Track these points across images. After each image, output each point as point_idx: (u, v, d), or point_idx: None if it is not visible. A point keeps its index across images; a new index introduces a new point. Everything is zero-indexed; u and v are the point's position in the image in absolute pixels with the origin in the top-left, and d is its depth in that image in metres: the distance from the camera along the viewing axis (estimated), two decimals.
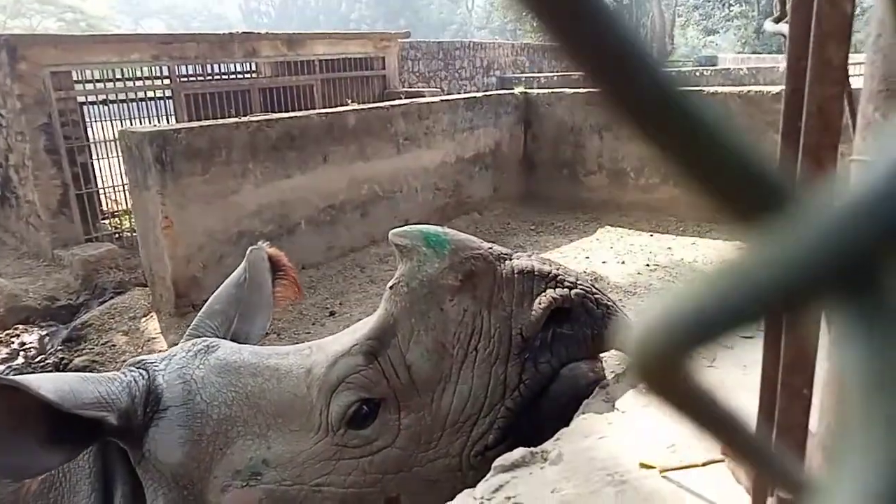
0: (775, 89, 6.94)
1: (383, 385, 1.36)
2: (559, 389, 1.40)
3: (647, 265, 6.31)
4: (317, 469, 1.33)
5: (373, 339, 1.39)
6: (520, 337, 1.38)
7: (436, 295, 1.38)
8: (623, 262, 6.39)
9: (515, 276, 1.42)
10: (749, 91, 7.19)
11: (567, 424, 1.41)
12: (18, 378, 1.17)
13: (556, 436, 1.46)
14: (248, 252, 2.06)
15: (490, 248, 1.47)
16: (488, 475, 1.32)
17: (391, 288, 1.42)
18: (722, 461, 1.27)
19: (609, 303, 1.52)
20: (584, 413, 1.58)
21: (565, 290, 1.43)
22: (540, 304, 1.39)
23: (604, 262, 6.44)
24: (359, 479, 1.33)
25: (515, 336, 1.39)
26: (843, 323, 0.17)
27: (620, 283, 5.84)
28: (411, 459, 1.35)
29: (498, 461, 1.36)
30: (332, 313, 5.51)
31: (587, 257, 6.59)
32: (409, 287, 1.39)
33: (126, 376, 1.44)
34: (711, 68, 16.35)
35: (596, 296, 1.49)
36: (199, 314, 1.88)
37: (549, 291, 1.42)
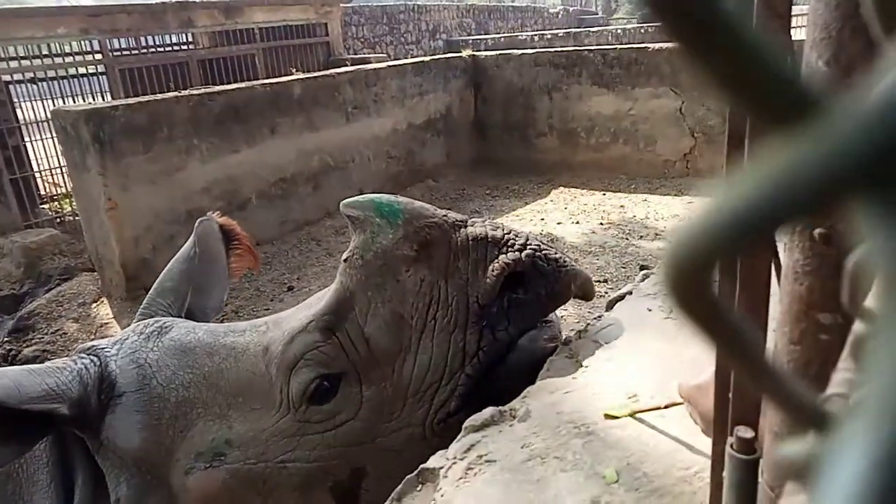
0: None
1: (342, 359, 1.35)
2: (517, 359, 1.44)
3: (601, 224, 6.42)
4: (281, 446, 1.32)
5: (329, 314, 1.37)
6: (476, 304, 1.39)
7: (391, 266, 1.37)
8: (577, 223, 6.49)
9: (470, 243, 1.41)
10: None
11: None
12: None
13: (522, 393, 1.49)
14: (196, 224, 1.92)
15: (444, 215, 1.45)
16: (460, 435, 1.35)
17: (345, 261, 1.40)
18: (680, 404, 1.32)
19: (558, 256, 1.52)
20: (548, 370, 1.62)
21: (516, 253, 1.43)
22: (493, 270, 1.39)
23: (559, 224, 6.52)
24: (324, 453, 1.33)
25: (472, 304, 1.39)
26: (876, 217, 0.18)
27: (576, 243, 5.94)
28: (375, 430, 1.36)
29: (468, 421, 1.38)
30: (290, 288, 5.45)
31: (542, 219, 6.67)
32: (364, 259, 1.37)
33: (77, 364, 1.38)
34: (655, 24, 16.47)
35: (545, 252, 1.48)
36: (150, 293, 1.81)
37: (502, 257, 1.41)
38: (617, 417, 1.36)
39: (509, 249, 1.43)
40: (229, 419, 1.34)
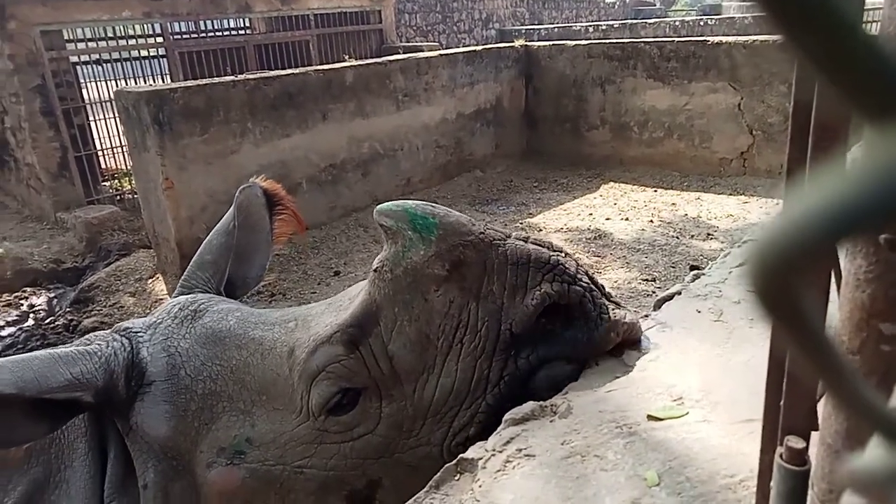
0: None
1: (364, 375, 1.32)
2: (540, 390, 1.38)
3: (651, 221, 6.30)
4: (298, 451, 1.32)
5: (354, 326, 1.33)
6: (508, 332, 1.31)
7: (420, 284, 1.30)
8: (627, 219, 6.38)
9: (509, 266, 1.31)
10: (755, 41, 7.05)
11: None
12: None
13: (564, 389, 1.48)
14: (238, 191, 1.90)
15: (482, 231, 1.35)
16: (499, 428, 1.35)
17: (375, 271, 1.34)
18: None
19: (605, 302, 1.42)
20: (591, 367, 1.61)
21: (563, 284, 1.33)
22: (533, 299, 1.30)
23: (607, 219, 6.43)
24: (340, 463, 1.33)
25: (504, 331, 1.31)
26: None
27: (624, 240, 5.84)
28: (393, 446, 1.34)
29: (508, 414, 1.38)
30: (336, 273, 5.54)
31: (590, 214, 6.58)
32: (393, 274, 1.31)
33: (107, 348, 1.39)
34: (716, 17, 16.00)
35: (594, 293, 1.38)
36: (190, 266, 1.78)
37: (545, 286, 1.31)
38: (661, 419, 1.34)
39: (556, 278, 1.32)
40: (252, 416, 1.35)
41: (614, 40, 8.69)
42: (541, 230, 6.22)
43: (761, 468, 0.89)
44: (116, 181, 8.48)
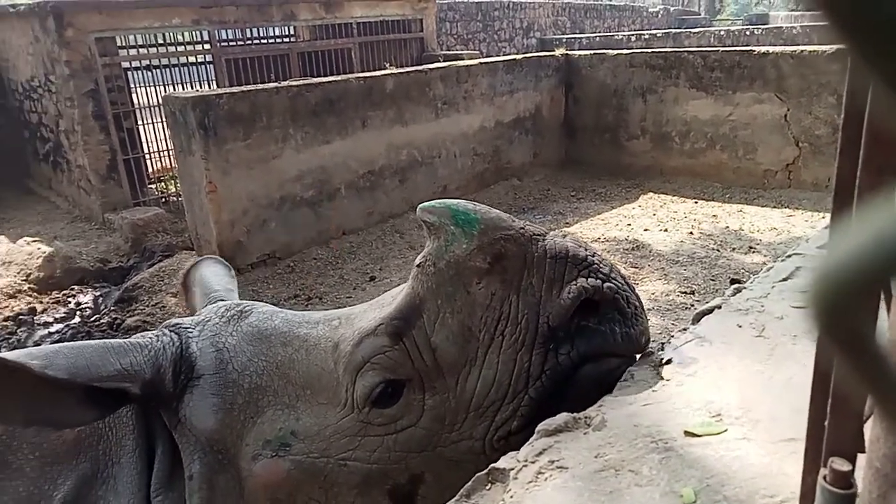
0: (830, 49, 6.62)
1: (408, 366, 1.34)
2: (584, 384, 1.38)
3: (691, 233, 6.19)
4: (342, 444, 1.34)
5: (398, 318, 1.35)
6: (546, 325, 1.33)
7: (463, 277, 1.33)
8: (666, 230, 6.28)
9: (547, 260, 1.35)
10: (803, 51, 6.88)
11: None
12: (23, 358, 1.20)
13: (599, 402, 1.46)
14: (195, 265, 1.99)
15: (522, 227, 1.39)
16: (532, 438, 1.34)
17: (418, 266, 1.37)
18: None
19: (638, 303, 1.43)
20: (627, 380, 1.58)
21: (598, 280, 1.35)
22: (570, 292, 1.33)
23: (646, 230, 6.34)
24: (383, 456, 1.34)
25: (542, 324, 1.34)
26: None
27: (663, 252, 5.75)
28: (435, 439, 1.35)
29: (541, 425, 1.37)
30: (372, 278, 5.58)
31: (629, 224, 6.50)
32: (437, 267, 1.34)
33: (157, 342, 1.43)
34: (763, 27, 15.67)
35: (626, 293, 1.39)
36: (203, 299, 1.82)
37: (581, 280, 1.34)
38: (698, 435, 1.31)
39: (591, 274, 1.36)
40: (297, 410, 1.37)
41: (657, 49, 8.59)
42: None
43: (804, 490, 0.86)
44: (162, 184, 8.72)
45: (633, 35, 14.53)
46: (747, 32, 14.17)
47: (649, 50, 8.65)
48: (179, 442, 1.35)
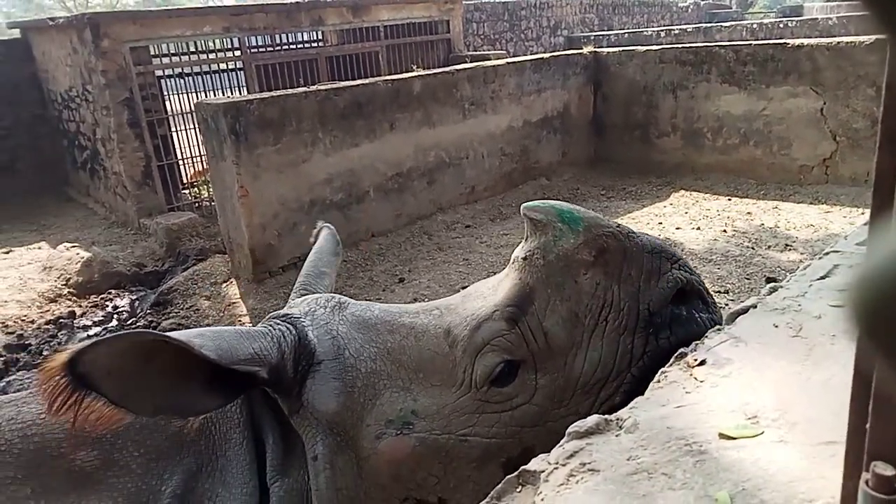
0: (868, 39, 6.43)
1: (523, 348, 1.46)
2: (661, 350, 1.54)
3: (725, 231, 6.07)
4: (462, 421, 1.44)
5: (512, 305, 1.48)
6: (647, 311, 1.48)
7: (571, 268, 1.48)
8: (698, 228, 6.17)
9: (644, 254, 1.51)
10: (839, 42, 6.70)
11: None
12: (184, 337, 1.27)
13: (631, 404, 1.44)
14: (321, 227, 2.25)
15: (618, 225, 1.54)
16: (562, 440, 1.33)
17: (524, 259, 1.51)
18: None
19: (712, 300, 1.60)
20: (659, 381, 1.56)
21: (688, 273, 1.52)
22: (668, 282, 1.50)
23: (678, 229, 6.24)
24: (500, 431, 1.44)
25: (643, 310, 1.48)
26: None
27: (696, 250, 5.65)
28: (546, 415, 1.46)
29: (572, 427, 1.35)
30: (401, 280, 5.60)
31: (660, 223, 6.41)
32: (546, 260, 1.49)
33: (275, 330, 1.50)
34: (797, 19, 15.31)
35: (704, 286, 1.58)
36: (305, 276, 1.98)
37: (675, 272, 1.51)
38: (733, 438, 1.28)
39: (680, 267, 1.53)
40: (412, 392, 1.46)
41: (687, 45, 8.46)
42: None
43: (844, 495, 0.84)
44: (195, 189, 8.89)
45: (662, 31, 14.33)
46: (781, 25, 13.86)
47: (679, 45, 8.51)
48: (299, 426, 1.43)
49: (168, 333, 1.25)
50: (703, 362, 1.57)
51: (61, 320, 5.66)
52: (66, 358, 1.13)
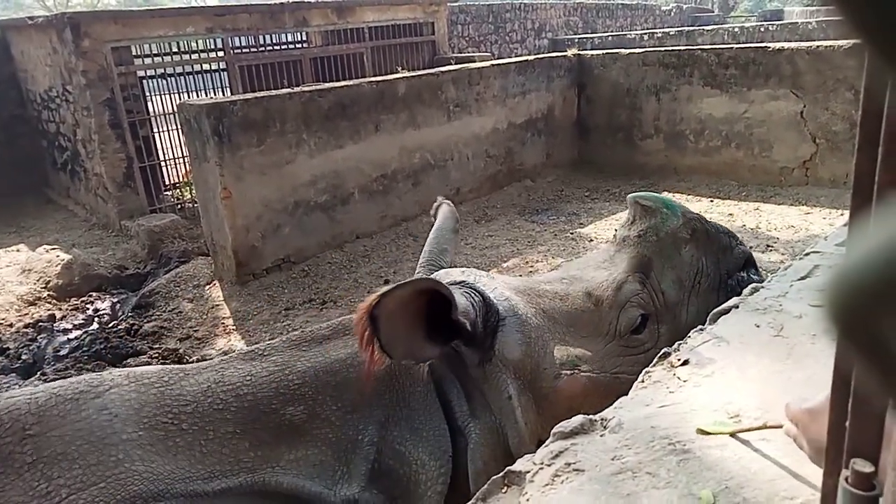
0: (847, 43, 6.53)
1: (650, 305, 1.87)
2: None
3: None
4: (613, 362, 1.77)
5: (640, 272, 1.89)
6: (725, 275, 1.97)
7: (676, 243, 1.93)
8: None
9: (720, 233, 2.01)
10: (819, 46, 6.79)
11: None
12: (447, 288, 1.52)
13: (616, 403, 1.45)
14: (441, 203, 2.52)
15: (698, 214, 2.02)
16: (548, 441, 1.33)
17: (639, 237, 1.94)
18: (780, 427, 1.24)
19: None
20: (643, 381, 1.57)
21: (747, 248, 2.05)
22: (741, 254, 2.02)
23: None
24: (638, 369, 1.67)
25: (722, 275, 1.96)
26: None
27: None
28: (651, 355, 1.80)
29: (557, 428, 1.36)
30: (386, 281, 5.59)
31: None
32: (658, 237, 1.93)
33: (464, 291, 1.72)
34: (777, 23, 15.51)
35: None
36: (429, 252, 2.17)
37: (739, 247, 2.03)
38: (711, 434, 1.30)
39: (739, 244, 2.04)
40: (569, 343, 1.76)
41: (670, 48, 8.53)
42: (591, 240, 6.13)
43: (825, 492, 0.85)
44: (177, 190, 8.80)
45: (645, 34, 14.44)
46: (762, 29, 14.03)
47: (662, 48, 8.59)
48: (490, 373, 1.62)
49: (439, 281, 1.52)
50: (686, 362, 1.58)
51: (41, 323, 5.57)
52: (373, 300, 1.38)
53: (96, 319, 5.72)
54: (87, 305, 5.99)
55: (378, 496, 1.43)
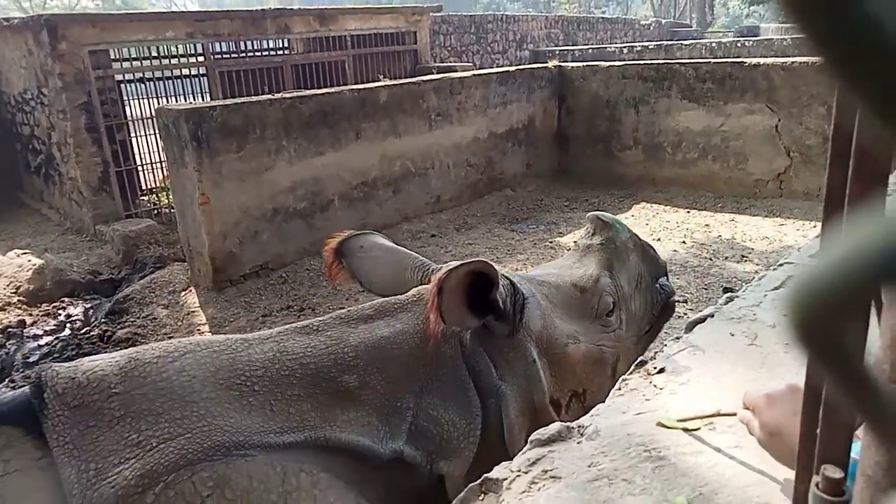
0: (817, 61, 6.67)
1: (615, 295, 2.27)
2: (670, 308, 2.52)
3: (684, 242, 6.21)
4: (597, 337, 2.17)
5: (607, 270, 2.29)
6: (654, 279, 2.44)
7: (626, 251, 2.36)
8: (658, 240, 6.30)
9: (648, 247, 2.48)
10: (793, 62, 6.94)
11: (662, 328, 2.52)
12: (495, 270, 1.83)
13: (592, 411, 1.46)
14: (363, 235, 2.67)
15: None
16: (525, 448, 1.33)
17: (601, 244, 2.34)
18: (732, 415, 1.27)
19: None
20: (620, 389, 1.58)
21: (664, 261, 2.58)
22: (661, 264, 2.51)
23: None
24: (612, 344, 2.20)
25: (652, 279, 2.43)
26: None
27: None
28: (622, 337, 2.27)
29: (534, 435, 1.36)
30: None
31: None
32: (615, 245, 2.34)
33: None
34: (753, 39, 15.82)
35: None
36: (412, 258, 2.35)
37: (661, 259, 2.53)
38: (668, 427, 1.32)
39: (660, 258, 2.54)
40: (566, 321, 2.12)
41: (649, 61, 8.66)
42: (570, 249, 6.16)
43: (796, 497, 0.86)
44: (154, 195, 8.69)
45: (625, 47, 14.64)
46: (738, 44, 14.30)
47: (641, 62, 8.71)
48: (519, 342, 1.92)
49: (491, 264, 1.82)
50: (662, 370, 1.59)
51: (10, 329, 5.44)
52: (442, 275, 1.69)
53: (68, 325, 5.61)
54: (59, 311, 5.88)
55: (417, 451, 1.67)
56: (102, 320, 5.46)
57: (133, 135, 8.34)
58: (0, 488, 1.29)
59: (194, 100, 8.83)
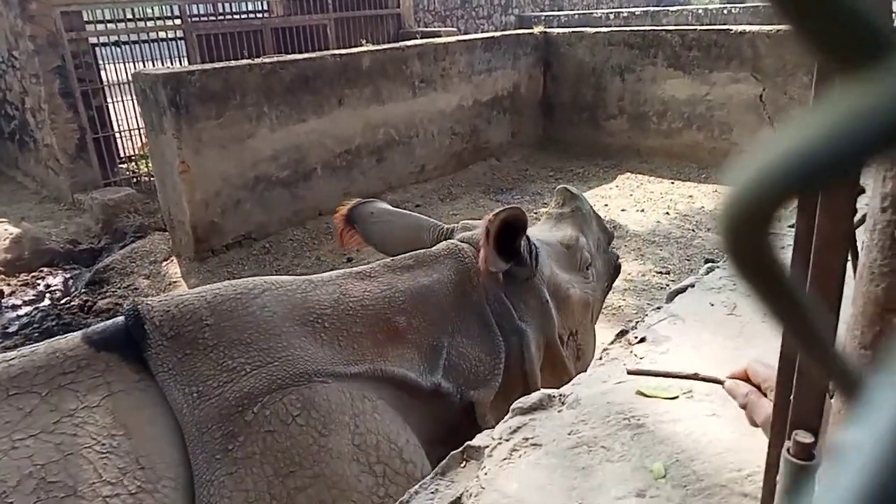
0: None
1: (589, 252, 2.52)
2: (617, 270, 2.89)
3: (667, 213, 6.24)
4: (584, 285, 2.43)
5: (580, 233, 2.53)
6: (607, 243, 2.78)
7: (589, 218, 2.64)
8: (642, 211, 6.33)
9: (599, 217, 2.78)
10: (779, 30, 6.92)
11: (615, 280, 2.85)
12: (526, 219, 2.04)
13: (573, 380, 1.47)
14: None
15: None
16: (507, 416, 1.35)
17: (572, 212, 2.60)
18: (712, 381, 1.28)
19: None
20: (601, 359, 1.59)
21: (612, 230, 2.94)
22: (611, 231, 2.88)
23: (622, 210, 6.37)
24: (591, 293, 2.48)
25: (606, 242, 2.77)
26: None
27: (639, 232, 5.79)
28: (595, 288, 2.54)
29: (516, 404, 1.38)
30: (349, 259, 5.55)
31: (605, 205, 6.53)
32: (582, 213, 2.60)
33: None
34: (740, 5, 15.71)
35: None
36: (423, 219, 2.54)
37: (610, 228, 2.91)
38: (648, 396, 1.34)
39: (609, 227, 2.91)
40: (559, 271, 2.35)
41: (635, 28, 8.58)
42: None
43: (768, 462, 0.88)
44: (133, 163, 8.54)
45: (611, 13, 14.48)
46: (725, 11, 14.20)
47: (627, 28, 8.62)
48: (534, 286, 2.16)
49: (524, 212, 2.03)
50: (643, 339, 1.61)
51: None
52: (490, 217, 1.93)
53: (48, 295, 5.55)
54: (38, 281, 5.81)
55: (451, 383, 1.89)
56: (83, 290, 5.41)
57: (110, 100, 8.14)
58: (109, 405, 1.46)
59: (172, 64, 8.62)
